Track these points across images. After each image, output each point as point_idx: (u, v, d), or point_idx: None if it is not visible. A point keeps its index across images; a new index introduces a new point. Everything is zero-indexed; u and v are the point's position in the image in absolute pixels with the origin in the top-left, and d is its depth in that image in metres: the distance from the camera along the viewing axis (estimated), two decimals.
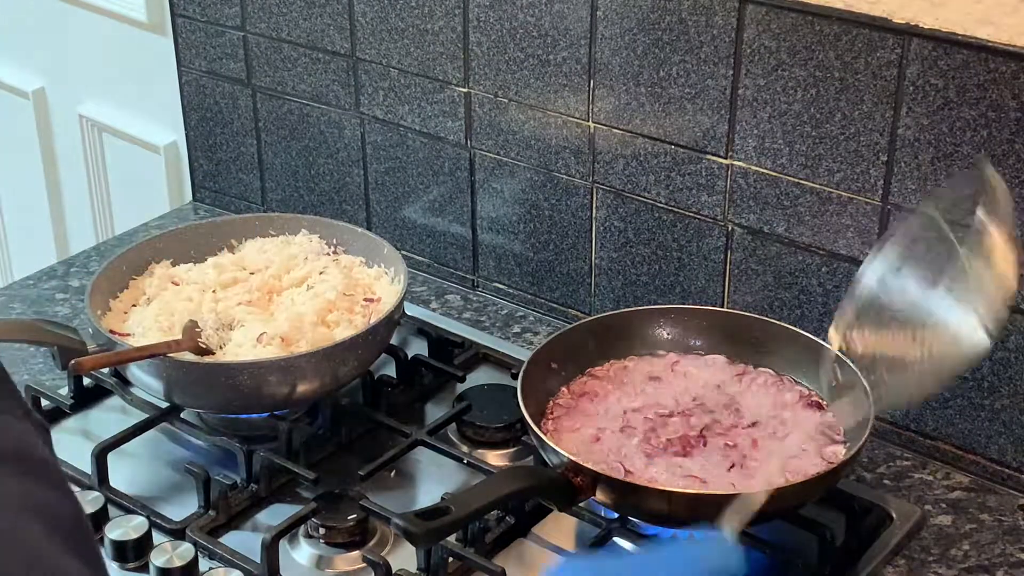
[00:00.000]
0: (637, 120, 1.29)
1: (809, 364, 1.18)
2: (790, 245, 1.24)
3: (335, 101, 1.53)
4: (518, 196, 1.42)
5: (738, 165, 1.25)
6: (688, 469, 1.09)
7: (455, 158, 1.46)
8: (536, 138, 1.38)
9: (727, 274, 1.30)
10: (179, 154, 1.74)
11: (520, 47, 1.35)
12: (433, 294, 1.50)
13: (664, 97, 1.27)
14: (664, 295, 1.35)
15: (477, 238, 1.48)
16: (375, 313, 1.24)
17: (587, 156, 1.35)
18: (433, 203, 1.50)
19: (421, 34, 1.42)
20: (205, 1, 1.59)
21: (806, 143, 1.19)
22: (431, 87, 1.44)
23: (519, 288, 1.47)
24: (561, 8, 1.30)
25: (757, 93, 1.20)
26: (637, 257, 1.36)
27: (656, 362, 1.22)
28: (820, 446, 1.12)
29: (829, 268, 1.23)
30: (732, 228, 1.28)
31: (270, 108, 1.59)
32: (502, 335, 1.42)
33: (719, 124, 1.24)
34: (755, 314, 1.24)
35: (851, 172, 1.18)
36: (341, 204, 1.58)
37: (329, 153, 1.56)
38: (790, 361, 1.20)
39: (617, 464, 1.09)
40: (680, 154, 1.28)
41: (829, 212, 1.21)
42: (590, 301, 1.41)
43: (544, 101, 1.35)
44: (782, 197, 1.23)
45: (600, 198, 1.36)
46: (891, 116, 1.14)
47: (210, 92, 1.64)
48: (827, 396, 1.17)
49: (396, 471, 1.20)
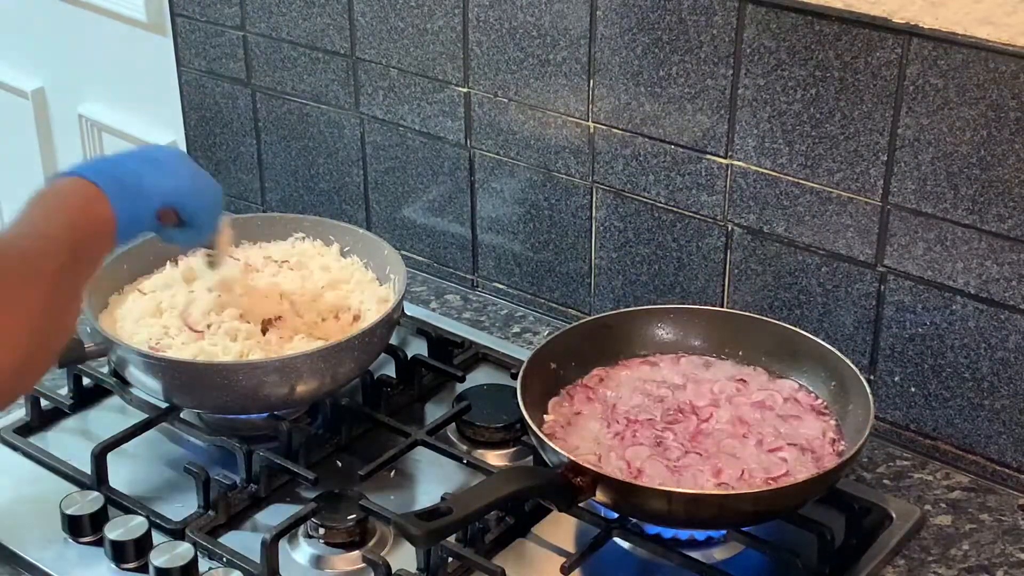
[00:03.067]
0: (637, 120, 1.29)
1: (808, 364, 1.18)
2: (790, 245, 1.24)
3: (335, 101, 1.52)
4: (518, 196, 1.42)
5: (738, 165, 1.25)
6: (687, 469, 1.09)
7: (455, 158, 1.45)
8: (536, 138, 1.38)
9: (727, 274, 1.29)
10: None
11: (520, 47, 1.35)
12: (433, 294, 1.50)
13: (664, 97, 1.26)
14: (664, 295, 1.35)
15: (477, 238, 1.48)
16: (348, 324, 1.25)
17: (587, 156, 1.35)
18: (433, 203, 1.50)
19: (421, 34, 1.42)
20: (205, 1, 1.59)
21: (806, 143, 1.19)
22: (431, 87, 1.44)
23: (519, 288, 1.47)
24: (561, 8, 1.30)
25: (757, 93, 1.20)
26: (637, 257, 1.35)
27: (656, 362, 1.22)
28: (820, 445, 1.12)
29: (829, 268, 1.23)
30: (732, 228, 1.28)
31: (270, 108, 1.59)
32: (502, 335, 1.42)
33: (719, 124, 1.24)
34: (755, 314, 1.24)
35: (851, 172, 1.18)
36: (341, 204, 1.58)
37: (329, 153, 1.56)
38: (789, 361, 1.20)
39: (617, 464, 1.09)
40: (680, 154, 1.28)
41: (829, 212, 1.20)
42: (590, 301, 1.41)
43: (544, 101, 1.35)
44: (782, 197, 1.23)
45: (600, 198, 1.36)
46: (891, 116, 1.14)
47: (210, 92, 1.64)
48: (827, 396, 1.17)
49: (396, 471, 1.20)
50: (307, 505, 1.12)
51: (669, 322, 1.24)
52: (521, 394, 1.12)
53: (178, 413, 1.24)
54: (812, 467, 1.09)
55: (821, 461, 1.10)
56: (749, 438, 1.12)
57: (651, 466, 1.09)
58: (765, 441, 1.12)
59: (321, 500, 1.13)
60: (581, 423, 1.15)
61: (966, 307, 1.16)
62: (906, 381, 1.22)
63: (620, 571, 1.10)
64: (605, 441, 1.13)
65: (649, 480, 1.07)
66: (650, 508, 1.04)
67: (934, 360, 1.19)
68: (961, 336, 1.17)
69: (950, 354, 1.18)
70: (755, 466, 1.09)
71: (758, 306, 1.28)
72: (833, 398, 1.16)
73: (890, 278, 1.19)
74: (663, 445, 1.12)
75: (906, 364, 1.21)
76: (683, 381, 1.20)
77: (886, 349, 1.22)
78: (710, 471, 1.08)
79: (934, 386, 1.20)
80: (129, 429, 1.21)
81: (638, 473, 1.08)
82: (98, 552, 1.11)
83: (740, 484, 1.07)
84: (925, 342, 1.19)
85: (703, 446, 1.12)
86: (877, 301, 1.21)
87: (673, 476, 1.08)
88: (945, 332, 1.18)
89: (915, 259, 1.17)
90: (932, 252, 1.16)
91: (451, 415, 1.24)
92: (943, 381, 1.19)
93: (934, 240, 1.15)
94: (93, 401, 1.30)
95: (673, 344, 1.23)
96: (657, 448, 1.11)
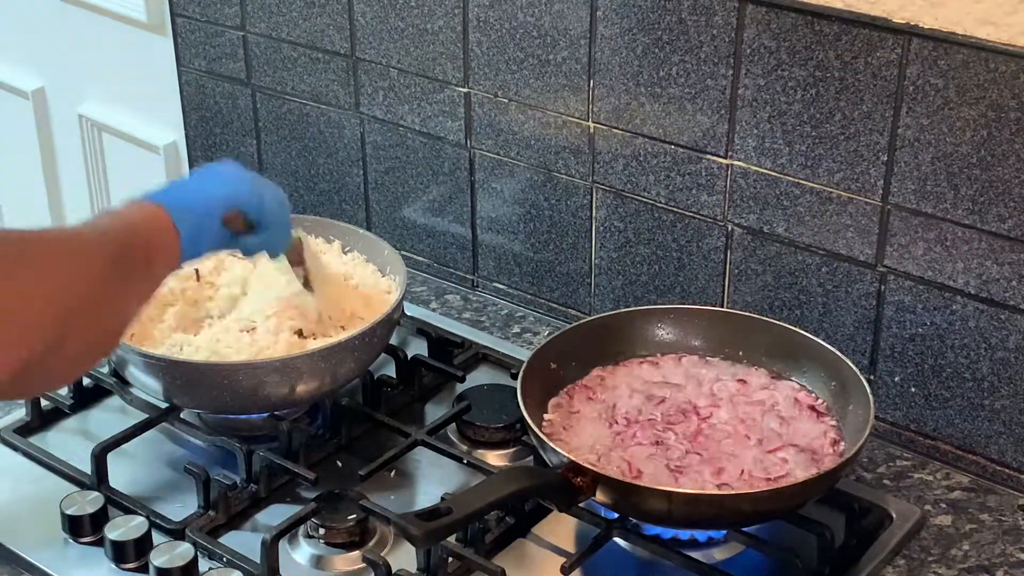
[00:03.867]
0: (637, 120, 1.29)
1: (808, 364, 1.18)
2: (790, 245, 1.24)
3: (335, 101, 1.52)
4: (518, 196, 1.42)
5: (738, 165, 1.25)
6: (688, 469, 1.09)
7: (455, 158, 1.45)
8: (536, 138, 1.38)
9: (727, 274, 1.29)
10: (179, 154, 1.74)
11: (520, 47, 1.35)
12: (433, 294, 1.50)
13: (664, 97, 1.26)
14: (664, 295, 1.35)
15: (477, 238, 1.48)
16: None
17: (587, 156, 1.35)
18: (433, 203, 1.50)
19: (421, 34, 1.42)
20: (205, 1, 1.59)
21: (806, 143, 1.19)
22: (431, 87, 1.43)
23: (519, 288, 1.47)
24: (561, 8, 1.30)
25: (757, 93, 1.20)
26: (637, 257, 1.35)
27: (656, 362, 1.22)
28: (820, 446, 1.12)
29: (829, 268, 1.23)
30: (732, 228, 1.28)
31: (270, 108, 1.59)
32: (502, 335, 1.42)
33: (719, 124, 1.24)
34: (755, 314, 1.24)
35: (851, 172, 1.18)
36: (341, 204, 1.58)
37: (329, 153, 1.56)
38: (789, 361, 1.20)
39: (618, 464, 1.09)
40: (680, 154, 1.28)
41: (829, 212, 1.20)
42: (590, 301, 1.41)
43: (544, 101, 1.35)
44: (782, 197, 1.23)
45: (600, 198, 1.36)
46: (891, 116, 1.14)
47: (210, 92, 1.64)
48: (827, 396, 1.17)
49: (396, 471, 1.20)
50: (307, 505, 1.12)
51: (669, 322, 1.24)
52: (521, 394, 1.12)
53: (178, 413, 1.24)
54: (812, 467, 1.09)
55: (821, 461, 1.10)
56: (749, 438, 1.12)
57: (651, 466, 1.09)
58: (765, 441, 1.12)
59: (321, 500, 1.13)
60: (581, 423, 1.15)
61: (966, 307, 1.16)
62: (906, 381, 1.22)
63: (620, 571, 1.10)
64: (605, 441, 1.13)
65: (650, 480, 1.07)
66: (650, 508, 1.04)
67: (934, 360, 1.19)
68: (961, 336, 1.17)
69: (950, 354, 1.18)
70: (755, 466, 1.09)
71: (758, 306, 1.28)
72: (833, 398, 1.16)
73: (890, 278, 1.19)
74: (663, 445, 1.11)
75: (906, 364, 1.21)
76: (683, 381, 1.20)
77: (886, 349, 1.22)
78: (710, 471, 1.08)
79: (934, 386, 1.20)
80: (129, 429, 1.21)
81: (638, 473, 1.08)
82: (98, 552, 1.11)
83: (740, 484, 1.07)
84: (925, 342, 1.19)
85: (703, 446, 1.12)
86: (877, 301, 1.21)
87: (673, 476, 1.08)
88: (945, 332, 1.17)
89: (915, 259, 1.17)
90: (932, 252, 1.16)
91: (451, 415, 1.24)
92: (943, 381, 1.19)
93: (934, 240, 1.15)
94: (93, 401, 1.30)
95: (673, 344, 1.23)
96: (657, 448, 1.11)
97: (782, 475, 1.08)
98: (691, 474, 1.08)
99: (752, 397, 1.17)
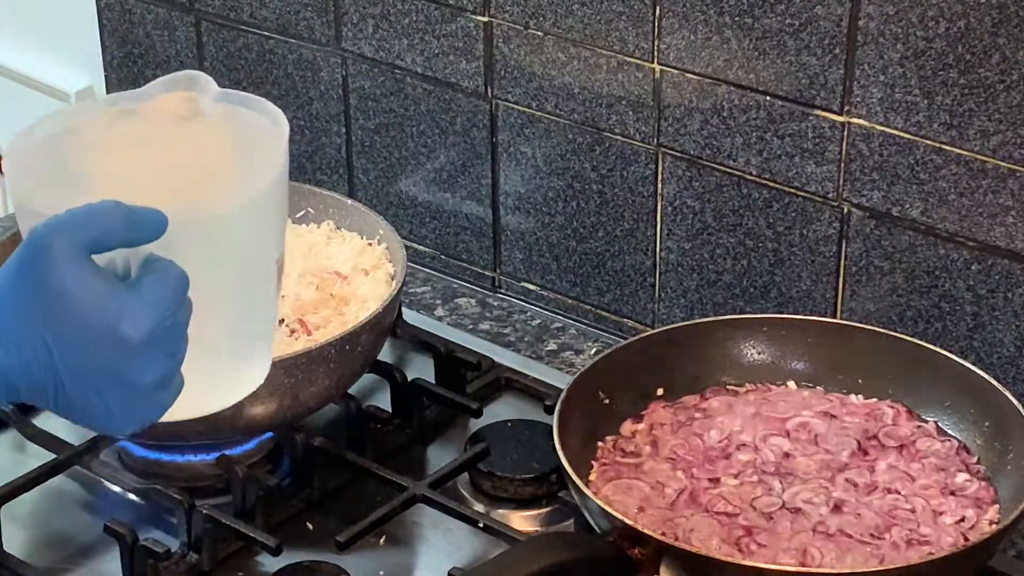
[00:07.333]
0: (719, 62, 1.29)
1: (952, 395, 1.19)
2: (928, 234, 1.24)
3: (307, 34, 1.53)
4: (556, 164, 1.42)
5: (858, 124, 1.24)
6: (784, 540, 1.09)
7: (470, 112, 1.46)
8: (581, 85, 1.38)
9: (841, 273, 1.29)
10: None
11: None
12: (440, 297, 1.51)
13: (757, 30, 1.26)
14: (754, 301, 1.35)
15: (499, 221, 1.48)
16: None
17: (651, 110, 1.35)
18: (440, 173, 1.50)
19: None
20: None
21: (951, 94, 1.19)
22: (438, 15, 1.44)
23: (556, 290, 1.47)
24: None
25: (884, 24, 1.20)
26: (718, 249, 1.35)
27: (742, 394, 1.22)
28: (964, 511, 1.12)
29: (982, 266, 1.22)
30: (849, 210, 1.27)
31: (219, 42, 1.60)
32: (532, 353, 1.42)
33: (832, 67, 1.24)
34: (879, 327, 1.24)
35: (1014, 135, 1.17)
36: (315, 172, 1.58)
37: (299, 104, 1.57)
38: (929, 395, 1.20)
39: (687, 531, 1.09)
40: (778, 108, 1.28)
41: (982, 189, 1.20)
42: (653, 308, 1.41)
43: (592, 34, 1.35)
44: (917, 168, 1.23)
45: (668, 168, 1.36)
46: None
47: (138, 21, 1.65)
48: (977, 439, 1.17)
49: (387, 537, 1.20)
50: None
51: (761, 338, 1.24)
52: (559, 434, 1.12)
53: (97, 452, 1.24)
54: (950, 540, 1.09)
55: (965, 532, 1.10)
56: (870, 500, 1.12)
57: (732, 535, 1.09)
58: (890, 504, 1.12)
59: (286, 575, 1.13)
60: (640, 475, 1.15)
61: None
62: None
63: None
64: (672, 500, 1.13)
65: (731, 554, 1.07)
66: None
67: None
68: None
69: None
70: (875, 536, 1.09)
71: (884, 317, 1.28)
72: (985, 441, 1.16)
73: None
74: (751, 507, 1.12)
75: None
76: (779, 421, 1.20)
77: None
78: (813, 543, 1.08)
79: None
80: (31, 474, 1.22)
81: (716, 544, 1.08)
82: None
83: (855, 561, 1.07)
84: None
85: (803, 510, 1.11)
86: None
87: (763, 549, 1.08)
88: None
89: None
90: None
91: (463, 462, 1.25)
92: None
93: None
94: None
95: (766, 369, 1.24)
96: (741, 511, 1.11)
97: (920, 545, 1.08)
98: (788, 546, 1.08)
99: (879, 443, 1.18)
